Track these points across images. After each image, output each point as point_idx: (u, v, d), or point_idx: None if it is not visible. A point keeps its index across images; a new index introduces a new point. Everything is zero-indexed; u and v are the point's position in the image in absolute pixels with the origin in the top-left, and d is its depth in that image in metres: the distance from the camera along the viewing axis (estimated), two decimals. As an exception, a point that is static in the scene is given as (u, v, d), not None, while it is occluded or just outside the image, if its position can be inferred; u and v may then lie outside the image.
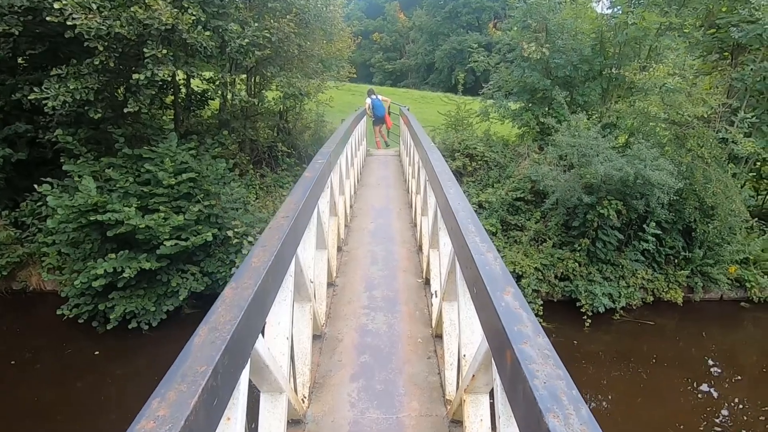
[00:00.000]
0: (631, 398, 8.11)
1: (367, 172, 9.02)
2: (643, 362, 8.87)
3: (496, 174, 11.29)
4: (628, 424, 7.65)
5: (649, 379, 8.43)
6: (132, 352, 8.85)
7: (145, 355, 8.83)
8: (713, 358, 9.25)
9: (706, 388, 8.51)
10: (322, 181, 3.19)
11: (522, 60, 11.22)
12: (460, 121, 12.95)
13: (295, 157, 13.12)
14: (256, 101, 9.32)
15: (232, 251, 9.59)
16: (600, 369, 8.72)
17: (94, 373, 8.32)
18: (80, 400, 7.86)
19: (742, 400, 8.41)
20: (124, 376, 8.40)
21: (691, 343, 9.55)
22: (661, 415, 7.77)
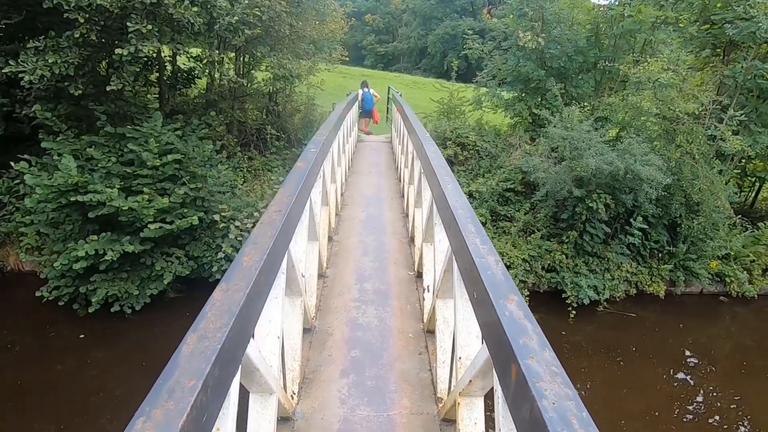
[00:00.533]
0: (611, 387, 8.32)
1: (358, 158, 8.88)
2: (624, 353, 9.07)
3: (487, 164, 11.26)
4: (607, 412, 7.86)
5: (629, 369, 8.64)
6: (114, 336, 8.70)
7: (128, 339, 8.69)
8: (691, 349, 9.50)
9: (683, 377, 8.78)
10: (314, 172, 3.09)
11: (517, 49, 11.09)
12: (452, 109, 12.82)
13: (285, 140, 12.88)
14: (244, 82, 9.04)
15: (218, 235, 9.42)
16: (583, 359, 8.90)
17: (76, 357, 8.19)
18: (61, 384, 7.74)
19: (715, 389, 8.70)
20: (105, 360, 8.28)
21: (671, 335, 9.79)
22: (639, 403, 8.00)
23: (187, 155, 9.11)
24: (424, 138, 4.03)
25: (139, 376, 8.10)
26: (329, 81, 22.77)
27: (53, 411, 7.09)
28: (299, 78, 10.32)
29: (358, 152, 9.40)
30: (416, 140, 4.37)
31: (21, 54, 7.58)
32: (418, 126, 4.88)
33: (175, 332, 7.34)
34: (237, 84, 8.88)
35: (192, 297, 9.66)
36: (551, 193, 8.95)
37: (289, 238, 2.31)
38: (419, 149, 4.03)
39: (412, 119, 5.73)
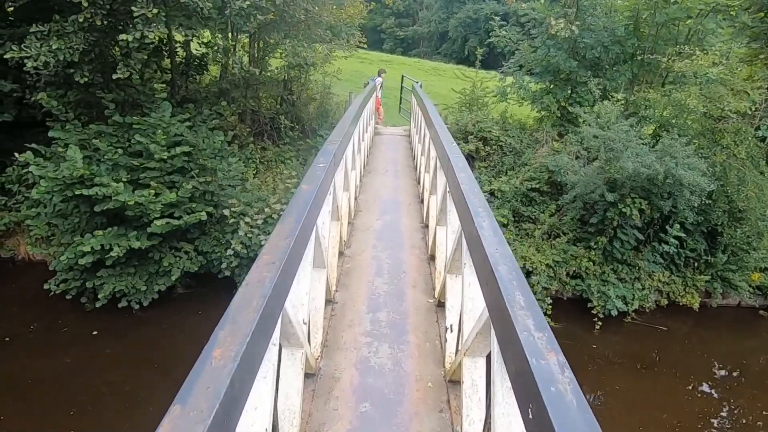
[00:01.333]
0: (636, 401, 7.82)
1: (374, 154, 8.38)
2: (652, 366, 8.52)
3: (511, 161, 10.62)
4: (631, 428, 7.40)
5: (657, 383, 8.11)
6: (123, 330, 8.52)
7: (137, 335, 8.50)
8: (723, 364, 8.90)
9: (711, 391, 8.23)
10: (321, 194, 2.63)
11: (547, 37, 10.32)
12: (475, 100, 12.14)
13: (299, 130, 12.43)
14: (257, 71, 8.58)
15: (228, 231, 9.10)
16: (607, 372, 8.38)
17: (84, 350, 8.05)
18: (68, 377, 7.62)
19: (744, 405, 8.13)
20: (113, 355, 8.12)
21: (703, 349, 9.18)
22: (666, 419, 7.50)
23: (196, 147, 8.75)
24: (453, 153, 3.51)
25: (149, 373, 7.95)
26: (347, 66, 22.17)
27: (60, 403, 6.97)
28: (314, 66, 9.79)
29: (375, 147, 8.90)
30: (442, 152, 3.86)
31: (26, 39, 7.26)
32: (444, 134, 4.34)
33: (185, 329, 7.08)
34: (248, 73, 8.43)
35: (201, 293, 9.42)
36: (580, 196, 8.33)
37: (288, 287, 1.87)
38: (446, 166, 3.52)
39: (434, 120, 5.19)
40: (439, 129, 4.61)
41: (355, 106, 6.26)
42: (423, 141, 6.55)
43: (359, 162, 6.12)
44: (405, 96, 13.65)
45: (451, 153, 3.50)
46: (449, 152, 3.53)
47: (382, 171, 7.06)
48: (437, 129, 4.49)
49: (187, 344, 8.74)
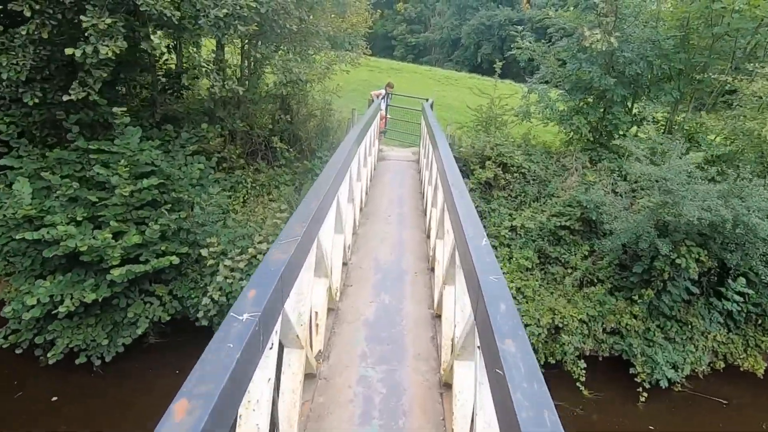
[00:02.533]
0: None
1: (376, 186, 7.07)
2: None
3: (535, 190, 9.22)
4: None
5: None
6: (83, 390, 7.33)
7: (101, 394, 7.30)
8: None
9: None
10: (290, 279, 1.49)
11: (578, 50, 8.94)
12: (492, 119, 10.78)
13: (297, 150, 11.20)
14: (242, 88, 7.34)
15: (207, 273, 7.88)
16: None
17: (46, 415, 6.85)
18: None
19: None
20: (72, 418, 6.92)
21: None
22: None
23: (171, 177, 7.55)
24: (465, 216, 2.21)
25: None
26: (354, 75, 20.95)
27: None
28: (311, 82, 8.52)
29: (377, 178, 7.60)
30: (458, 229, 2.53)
31: (-33, 54, 6.13)
32: (456, 188, 3.01)
33: (156, 387, 5.43)
34: (231, 91, 7.21)
35: (177, 344, 8.15)
36: (622, 241, 6.90)
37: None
38: (463, 252, 2.20)
39: (446, 165, 3.86)
40: (451, 178, 3.30)
41: (355, 132, 4.97)
42: (432, 181, 5.24)
43: (354, 210, 4.80)
44: (414, 118, 12.32)
45: (462, 216, 2.22)
46: (461, 216, 2.26)
47: (383, 216, 5.73)
48: (450, 184, 3.15)
49: (161, 406, 7.54)
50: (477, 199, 9.30)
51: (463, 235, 2.17)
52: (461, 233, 2.23)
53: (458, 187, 3.08)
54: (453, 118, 16.68)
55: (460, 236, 2.28)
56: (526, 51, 9.58)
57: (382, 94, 10.85)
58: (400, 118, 12.54)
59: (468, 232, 2.17)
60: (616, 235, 6.82)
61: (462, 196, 2.87)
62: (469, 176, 9.66)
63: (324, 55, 10.35)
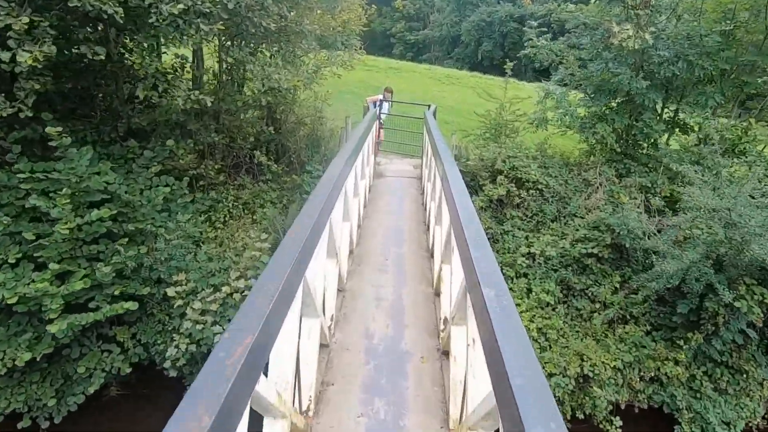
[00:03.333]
0: None
1: (371, 216, 5.90)
2: None
3: (554, 209, 8.05)
4: None
5: None
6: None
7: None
8: None
9: None
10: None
11: (603, 48, 7.77)
12: (503, 126, 9.61)
13: (284, 163, 10.05)
14: (209, 99, 6.16)
15: (175, 314, 6.75)
16: None
17: None
18: None
19: None
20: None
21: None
22: None
23: (131, 204, 6.41)
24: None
25: None
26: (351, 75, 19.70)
27: None
28: (297, 89, 7.35)
29: (372, 203, 6.43)
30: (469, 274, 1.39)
31: None
32: (468, 226, 1.86)
33: None
34: (199, 104, 6.05)
35: (142, 397, 7.01)
36: (674, 283, 5.73)
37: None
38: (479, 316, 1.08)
39: (454, 190, 2.71)
40: (462, 217, 2.14)
41: (343, 158, 3.81)
42: (439, 207, 4.10)
43: (333, 276, 3.62)
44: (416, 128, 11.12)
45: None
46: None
47: (378, 260, 4.57)
48: (461, 220, 1.99)
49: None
50: (488, 219, 8.14)
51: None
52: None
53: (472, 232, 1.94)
54: (456, 122, 15.51)
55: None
56: (542, 50, 8.38)
57: (379, 100, 9.67)
58: (400, 127, 11.32)
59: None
60: (663, 277, 5.65)
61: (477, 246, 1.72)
62: (478, 192, 8.51)
63: (314, 57, 9.18)
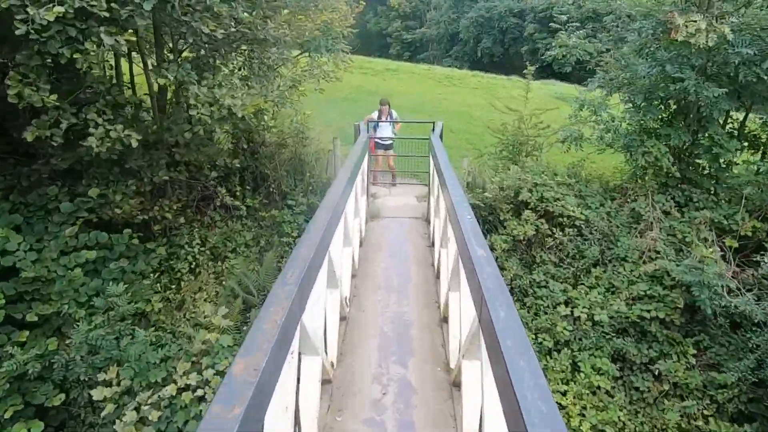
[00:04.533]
0: None
1: (362, 296, 4.18)
2: None
3: (596, 252, 6.30)
4: None
5: None
6: None
7: None
8: None
9: None
10: None
11: (657, 46, 6.02)
12: (524, 143, 7.88)
13: (263, 194, 8.36)
14: (136, 137, 4.45)
15: (109, 418, 5.08)
16: None
17: None
18: None
19: None
20: None
21: None
22: None
23: (42, 278, 4.74)
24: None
25: None
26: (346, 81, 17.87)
27: None
28: (254, 117, 5.59)
29: (365, 261, 4.71)
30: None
31: None
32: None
33: None
34: (122, 143, 4.36)
35: None
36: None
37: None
38: None
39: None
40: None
41: (332, 199, 2.14)
42: (456, 262, 2.41)
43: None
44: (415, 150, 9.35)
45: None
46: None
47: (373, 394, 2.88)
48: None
49: None
50: (513, 265, 6.42)
51: None
52: None
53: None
54: (461, 130, 13.76)
55: None
56: (577, 49, 6.61)
57: (373, 119, 7.99)
58: (401, 151, 9.50)
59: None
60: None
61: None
62: (498, 229, 6.79)
63: (292, 68, 7.46)
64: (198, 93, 4.61)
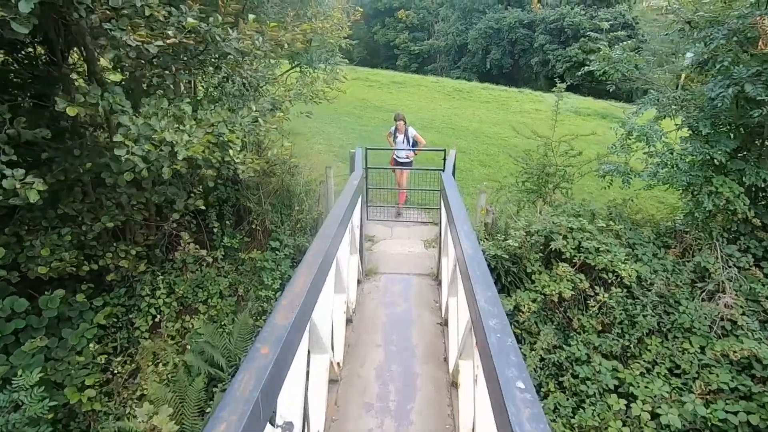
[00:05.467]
0: None
1: (348, 391, 2.86)
2: None
3: (653, 322, 4.92)
4: None
5: None
6: None
7: None
8: None
9: None
10: None
11: (733, 61, 4.69)
12: (552, 175, 6.54)
13: (244, 231, 7.13)
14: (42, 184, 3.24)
15: None
16: None
17: None
18: None
19: None
20: None
21: None
22: None
23: None
24: None
25: None
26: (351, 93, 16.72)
27: None
28: (216, 151, 4.31)
29: (359, 326, 3.38)
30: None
31: None
32: None
33: None
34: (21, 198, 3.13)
35: None
36: None
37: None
38: None
39: None
40: None
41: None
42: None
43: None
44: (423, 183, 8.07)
45: None
46: None
47: None
48: None
49: None
50: (549, 332, 5.05)
51: None
52: None
53: None
54: (474, 150, 12.43)
55: None
56: (620, 65, 5.28)
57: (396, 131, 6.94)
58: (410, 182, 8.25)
59: None
60: None
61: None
62: (524, 283, 5.44)
63: (277, 87, 6.25)
64: (130, 125, 3.36)
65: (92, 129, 4.91)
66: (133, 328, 5.84)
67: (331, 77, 5.85)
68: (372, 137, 12.96)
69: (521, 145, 12.41)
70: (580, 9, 36.56)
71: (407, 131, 7.07)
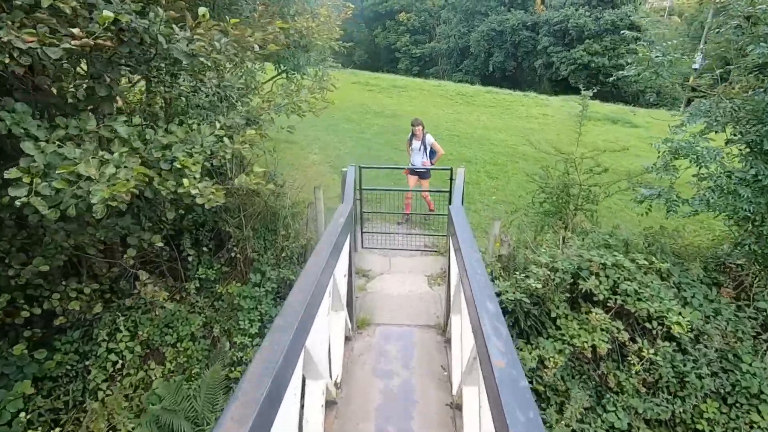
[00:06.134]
0: None
1: None
2: None
3: (710, 383, 3.99)
4: None
5: None
6: None
7: None
8: None
9: None
10: None
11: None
12: (578, 192, 5.62)
13: (224, 259, 6.23)
14: None
15: None
16: None
17: None
18: None
19: None
20: None
21: None
22: None
23: None
24: None
25: None
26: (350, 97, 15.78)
27: None
28: (163, 182, 3.40)
29: (345, 410, 2.52)
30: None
31: None
32: None
33: None
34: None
35: None
36: None
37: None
38: None
39: None
40: None
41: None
42: None
43: None
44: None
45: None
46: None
47: None
48: None
49: None
50: (580, 393, 4.12)
51: None
52: None
53: None
54: (479, 160, 11.44)
55: None
56: (662, 70, 4.36)
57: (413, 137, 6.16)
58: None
59: None
60: None
61: None
62: (548, 328, 4.52)
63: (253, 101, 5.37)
64: (35, 154, 2.47)
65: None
66: (87, 381, 4.97)
67: (317, 85, 4.95)
68: (371, 146, 12.05)
69: (530, 153, 11.48)
70: (585, 10, 35.58)
71: (425, 138, 6.29)
